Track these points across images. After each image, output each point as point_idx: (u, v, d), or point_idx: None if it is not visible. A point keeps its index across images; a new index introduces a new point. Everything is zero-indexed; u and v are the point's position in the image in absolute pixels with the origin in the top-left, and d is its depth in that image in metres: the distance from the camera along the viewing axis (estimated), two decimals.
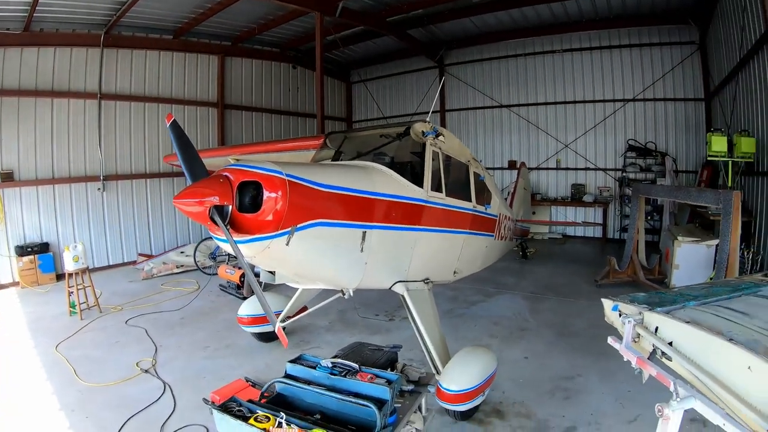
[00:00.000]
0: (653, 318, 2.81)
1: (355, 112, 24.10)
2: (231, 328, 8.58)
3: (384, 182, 5.58)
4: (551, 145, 19.07)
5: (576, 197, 18.54)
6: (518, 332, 8.62)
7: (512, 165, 19.34)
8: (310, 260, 4.89)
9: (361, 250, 5.25)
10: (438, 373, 5.59)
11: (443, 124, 20.25)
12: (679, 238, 10.70)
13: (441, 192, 6.45)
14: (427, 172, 6.17)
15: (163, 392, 6.45)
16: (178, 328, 9.01)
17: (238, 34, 16.46)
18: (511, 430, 5.56)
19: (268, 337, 8.00)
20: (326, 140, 7.44)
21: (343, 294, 5.96)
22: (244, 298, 9.16)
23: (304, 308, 7.81)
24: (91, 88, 13.38)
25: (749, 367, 2.14)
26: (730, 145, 11.03)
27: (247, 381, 6.47)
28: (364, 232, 5.22)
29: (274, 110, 19.66)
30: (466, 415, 5.68)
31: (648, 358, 2.75)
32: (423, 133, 6.37)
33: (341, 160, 6.91)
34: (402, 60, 21.28)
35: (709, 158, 11.63)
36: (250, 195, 4.13)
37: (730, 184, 11.00)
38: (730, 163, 11.07)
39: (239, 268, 10.50)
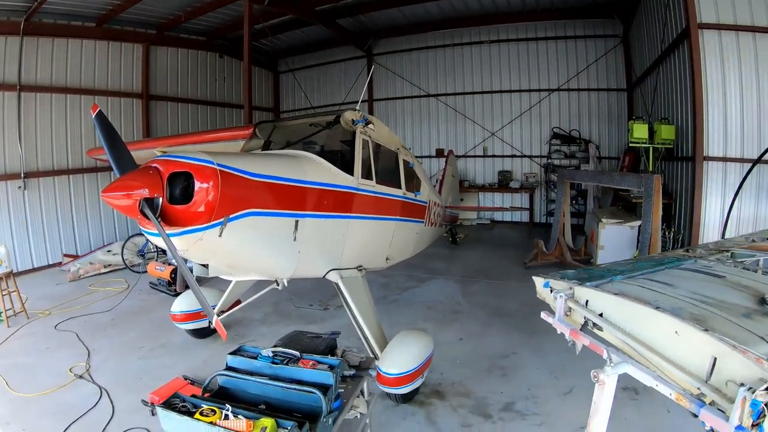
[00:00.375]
0: (583, 292, 2.95)
1: (283, 102, 23.77)
2: (164, 326, 8.36)
3: (315, 171, 5.58)
4: (478, 133, 19.59)
5: (503, 184, 19.15)
6: (452, 315, 8.84)
7: (440, 153, 19.70)
8: (244, 251, 4.85)
9: (294, 239, 5.25)
10: (377, 358, 5.66)
11: (371, 114, 20.05)
12: (604, 220, 11.21)
13: (371, 180, 6.51)
14: (358, 159, 6.22)
15: (100, 397, 6.21)
16: (110, 329, 8.67)
17: (163, 21, 15.84)
18: (452, 410, 5.71)
19: (204, 333, 7.86)
20: (255, 130, 7.35)
21: (277, 285, 5.95)
22: (176, 295, 8.92)
23: (238, 301, 7.70)
24: (10, 79, 12.54)
25: (676, 332, 2.29)
26: (651, 132, 11.71)
27: (186, 379, 6.33)
28: (297, 221, 5.23)
29: (201, 101, 19.04)
30: (407, 398, 5.80)
31: (580, 330, 2.89)
32: (353, 121, 6.39)
33: (271, 149, 6.86)
34: (330, 49, 21.15)
35: (631, 144, 12.28)
36: (180, 186, 4.02)
37: (651, 169, 11.65)
38: (650, 149, 11.80)
39: (170, 264, 10.23)
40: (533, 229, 17.95)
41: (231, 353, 4.13)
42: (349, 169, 6.08)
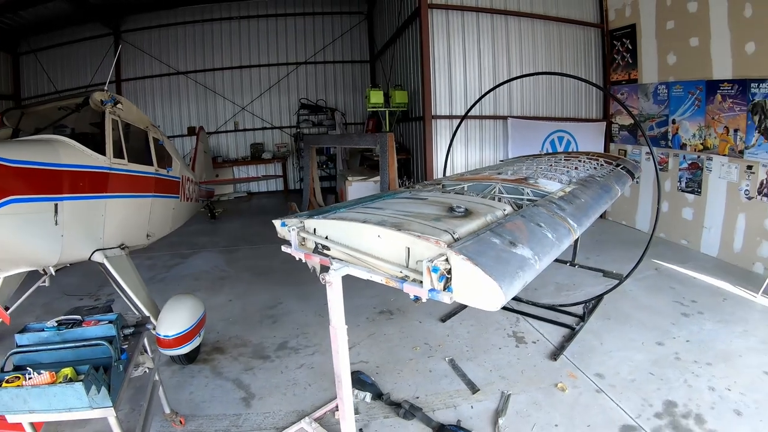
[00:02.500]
0: (311, 222, 3.50)
1: (25, 87, 20.59)
2: None
3: (68, 153, 5.48)
4: (229, 108, 19.67)
5: (256, 156, 19.58)
6: (219, 281, 9.11)
7: (192, 131, 19.25)
8: (9, 240, 4.72)
9: (56, 223, 5.18)
10: (153, 327, 5.83)
11: (120, 95, 19.05)
12: (350, 178, 12.23)
13: (123, 158, 6.51)
14: (108, 139, 6.16)
15: None
16: None
17: None
18: (233, 359, 6.13)
19: None
20: (3, 119, 6.92)
21: (44, 282, 5.82)
22: None
23: (6, 308, 7.21)
24: None
25: (379, 236, 2.93)
26: (387, 98, 13.07)
27: None
28: (56, 205, 5.16)
29: None
30: (190, 358, 6.03)
31: (313, 252, 3.48)
32: (102, 101, 6.32)
33: (20, 137, 6.56)
34: (77, 27, 19.04)
35: (369, 109, 13.56)
36: None
37: (387, 129, 13.01)
38: (387, 112, 13.14)
39: None
40: (289, 195, 18.79)
41: (18, 333, 4.09)
42: (101, 149, 6.04)
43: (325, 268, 3.33)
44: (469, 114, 9.53)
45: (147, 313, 5.93)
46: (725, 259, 9.30)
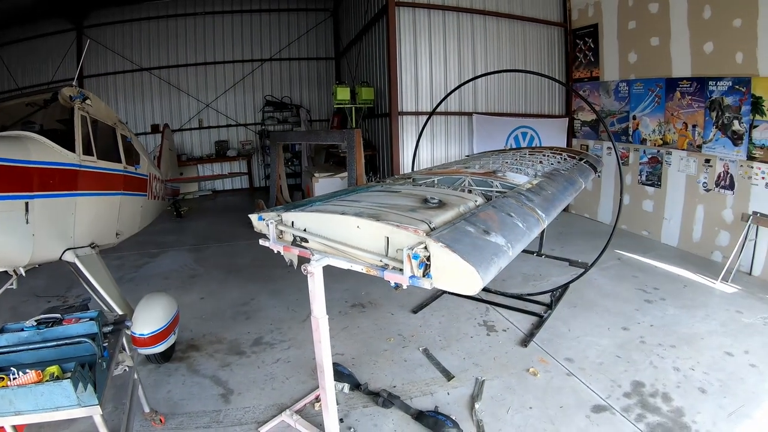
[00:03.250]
0: (289, 216, 3.57)
1: None
2: None
3: (38, 150, 5.37)
4: (193, 105, 19.39)
5: (220, 153, 19.36)
6: (190, 279, 9.04)
7: (155, 129, 18.91)
8: None
9: (27, 222, 5.09)
10: (128, 327, 5.77)
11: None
12: (316, 174, 12.28)
13: (92, 155, 6.43)
14: (78, 136, 6.05)
15: None
16: None
17: None
18: (209, 356, 6.12)
19: None
20: None
21: (12, 284, 5.72)
22: None
23: None
24: None
25: (358, 227, 3.01)
26: (353, 94, 13.16)
27: None
28: (27, 203, 5.07)
29: None
30: (166, 356, 5.97)
31: (291, 245, 3.54)
32: (70, 97, 6.21)
33: None
34: (39, 22, 18.37)
35: (336, 106, 13.63)
36: None
37: (354, 126, 13.11)
38: (353, 108, 13.25)
39: None
40: (254, 193, 18.75)
41: None
42: (70, 146, 5.94)
43: (302, 261, 3.39)
44: (436, 111, 9.66)
45: (121, 312, 5.89)
46: (685, 249, 9.67)
